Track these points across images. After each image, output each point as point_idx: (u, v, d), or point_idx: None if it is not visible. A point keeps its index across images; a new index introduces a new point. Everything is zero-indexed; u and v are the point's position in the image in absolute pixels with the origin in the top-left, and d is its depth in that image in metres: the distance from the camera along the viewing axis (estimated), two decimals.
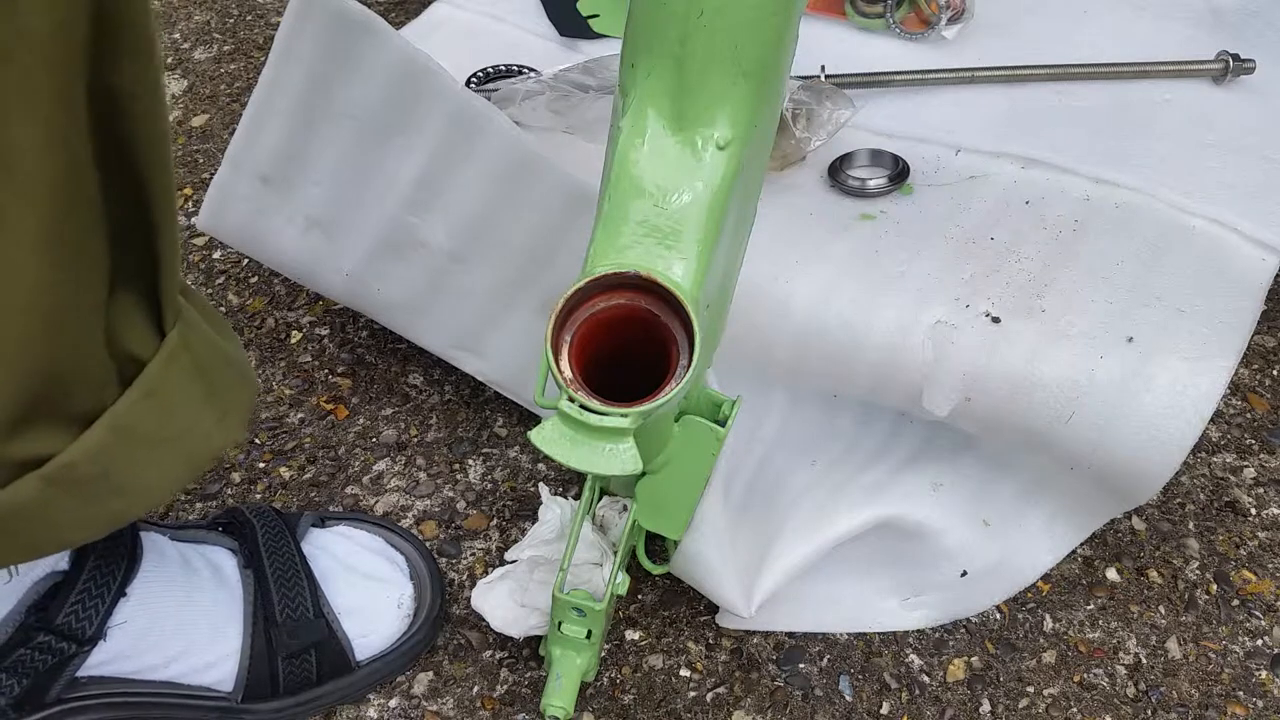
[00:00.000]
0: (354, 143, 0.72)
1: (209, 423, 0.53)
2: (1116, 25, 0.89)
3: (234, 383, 0.55)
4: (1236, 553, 0.74)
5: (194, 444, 0.53)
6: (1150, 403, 0.62)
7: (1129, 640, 0.70)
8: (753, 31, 0.42)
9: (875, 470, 0.71)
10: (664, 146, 0.43)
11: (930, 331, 0.65)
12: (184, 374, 0.51)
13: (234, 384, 0.55)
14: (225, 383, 0.54)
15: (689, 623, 0.70)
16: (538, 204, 0.68)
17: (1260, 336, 0.87)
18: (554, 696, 0.60)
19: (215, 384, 0.53)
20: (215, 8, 1.24)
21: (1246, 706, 0.67)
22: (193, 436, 0.53)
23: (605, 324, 0.43)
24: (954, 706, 0.67)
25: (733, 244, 0.50)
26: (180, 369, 0.51)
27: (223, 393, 0.54)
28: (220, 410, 0.54)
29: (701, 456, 0.58)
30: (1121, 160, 0.75)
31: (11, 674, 0.57)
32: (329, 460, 0.79)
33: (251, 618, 0.62)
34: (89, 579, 0.57)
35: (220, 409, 0.54)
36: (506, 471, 0.79)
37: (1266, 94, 0.81)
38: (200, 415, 0.53)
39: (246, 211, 0.78)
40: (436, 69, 0.67)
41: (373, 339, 0.88)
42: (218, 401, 0.54)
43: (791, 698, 0.67)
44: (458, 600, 0.71)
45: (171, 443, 0.51)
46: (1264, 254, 0.68)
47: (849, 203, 0.75)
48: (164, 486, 0.52)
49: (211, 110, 1.10)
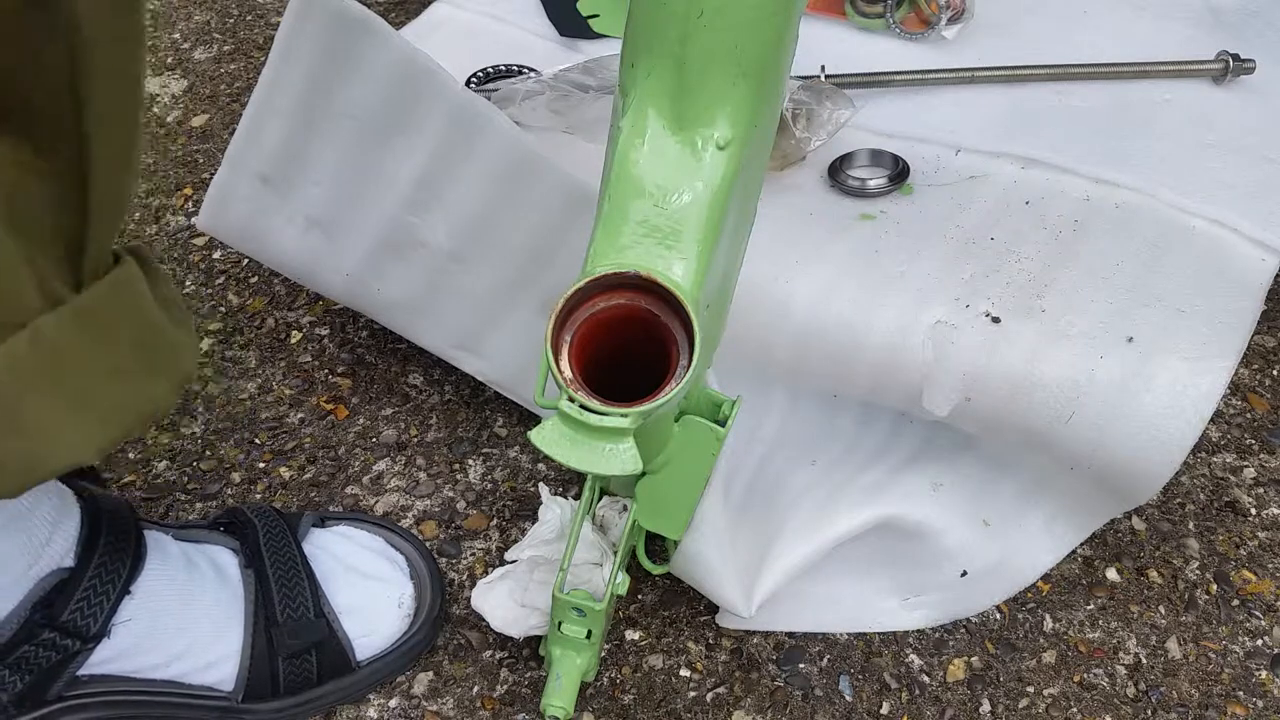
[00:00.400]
0: (354, 143, 0.72)
1: (137, 377, 0.50)
2: (1116, 25, 0.89)
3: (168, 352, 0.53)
4: (1236, 553, 0.74)
5: (118, 396, 0.50)
6: (1150, 403, 0.62)
7: (1129, 640, 0.70)
8: (753, 31, 0.42)
9: (875, 470, 0.71)
10: (664, 146, 0.43)
11: (930, 331, 0.65)
12: (118, 312, 0.49)
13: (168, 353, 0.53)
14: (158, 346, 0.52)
15: (689, 623, 0.70)
16: (538, 204, 0.68)
17: (1260, 336, 0.87)
18: (554, 696, 0.60)
19: (148, 342, 0.51)
20: (215, 8, 1.24)
21: (1246, 706, 0.67)
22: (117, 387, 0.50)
23: (605, 324, 0.43)
24: (954, 706, 0.67)
25: (733, 244, 0.50)
26: (115, 305, 0.49)
27: (154, 352, 0.52)
28: (150, 369, 0.51)
29: (701, 456, 0.58)
30: (1121, 160, 0.75)
31: (14, 670, 0.57)
32: (329, 460, 0.79)
33: (252, 618, 0.62)
34: (94, 576, 0.57)
35: (151, 367, 0.51)
36: (506, 471, 0.79)
37: (1266, 94, 0.81)
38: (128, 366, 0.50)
39: (246, 211, 0.78)
40: (437, 69, 0.67)
41: (373, 339, 0.88)
42: (148, 358, 0.51)
43: (791, 698, 0.67)
44: (458, 600, 0.71)
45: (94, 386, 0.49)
46: (1264, 254, 0.68)
47: (849, 203, 0.75)
48: (74, 440, 0.49)
49: (211, 110, 1.10)
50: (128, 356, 0.51)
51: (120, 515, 0.60)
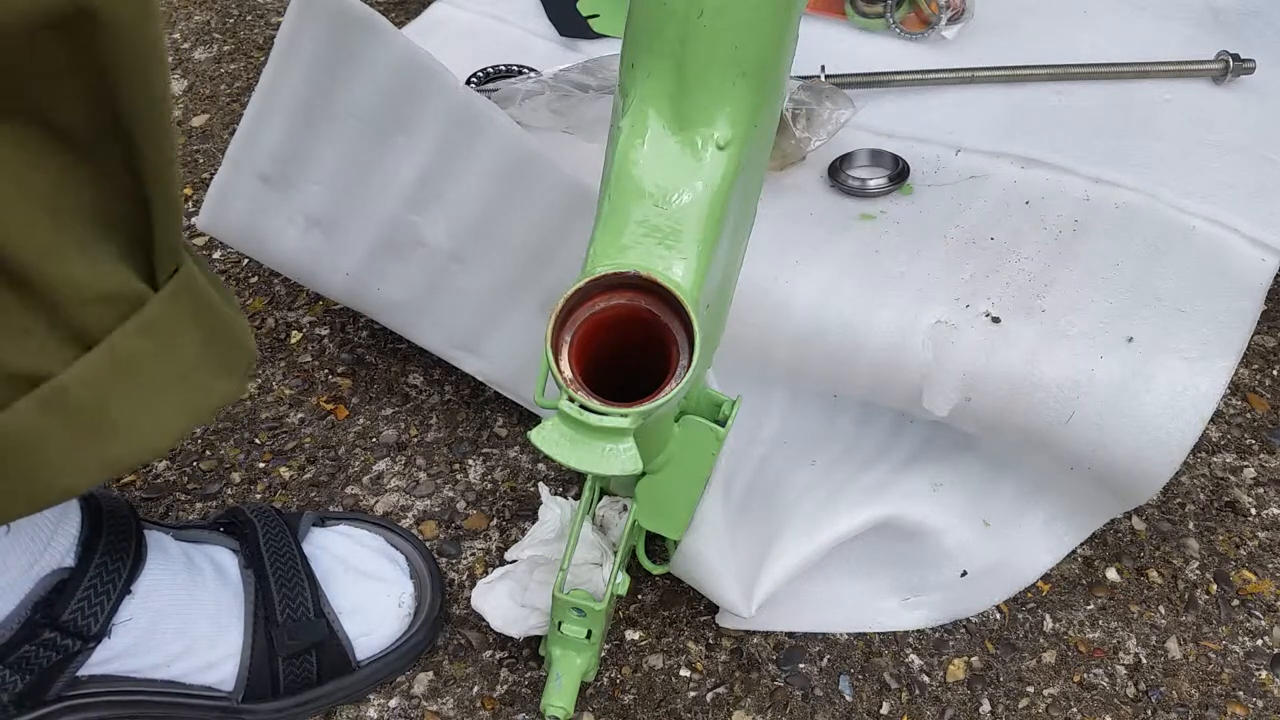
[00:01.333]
0: (354, 142, 0.72)
1: (208, 373, 0.52)
2: (1116, 25, 0.89)
3: (233, 341, 0.54)
4: (1236, 553, 0.74)
5: (192, 393, 0.52)
6: (1150, 403, 0.62)
7: (1129, 640, 0.70)
8: (753, 31, 0.42)
9: (875, 470, 0.71)
10: (664, 147, 0.43)
11: (930, 331, 0.65)
12: (183, 316, 0.50)
13: (233, 342, 0.54)
14: (225, 339, 0.53)
15: (689, 623, 0.70)
16: (538, 204, 0.68)
17: (1260, 336, 0.87)
18: (554, 696, 0.60)
19: (215, 336, 0.53)
20: (215, 8, 1.24)
21: (1246, 706, 0.67)
22: (191, 385, 0.51)
23: (605, 324, 0.44)
24: (954, 706, 0.67)
25: (733, 244, 0.50)
26: (180, 310, 0.50)
27: (222, 347, 0.53)
28: (219, 363, 0.53)
29: (701, 456, 0.58)
30: (1121, 160, 0.75)
31: (15, 670, 0.57)
32: (329, 460, 0.79)
33: (252, 618, 0.62)
34: (95, 575, 0.57)
35: (219, 361, 0.53)
36: (506, 471, 0.79)
37: (1266, 94, 0.81)
38: (199, 363, 0.51)
39: (246, 211, 0.78)
40: (438, 68, 0.67)
41: (373, 339, 0.88)
42: (217, 353, 0.53)
43: (791, 698, 0.67)
44: (458, 600, 0.71)
45: (170, 386, 0.50)
46: (1264, 254, 0.68)
47: (849, 203, 0.75)
48: (161, 434, 0.51)
49: (211, 110, 1.10)
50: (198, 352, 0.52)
51: (121, 515, 0.60)
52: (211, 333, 0.53)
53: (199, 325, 0.52)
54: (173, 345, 0.50)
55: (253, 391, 0.84)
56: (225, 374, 0.53)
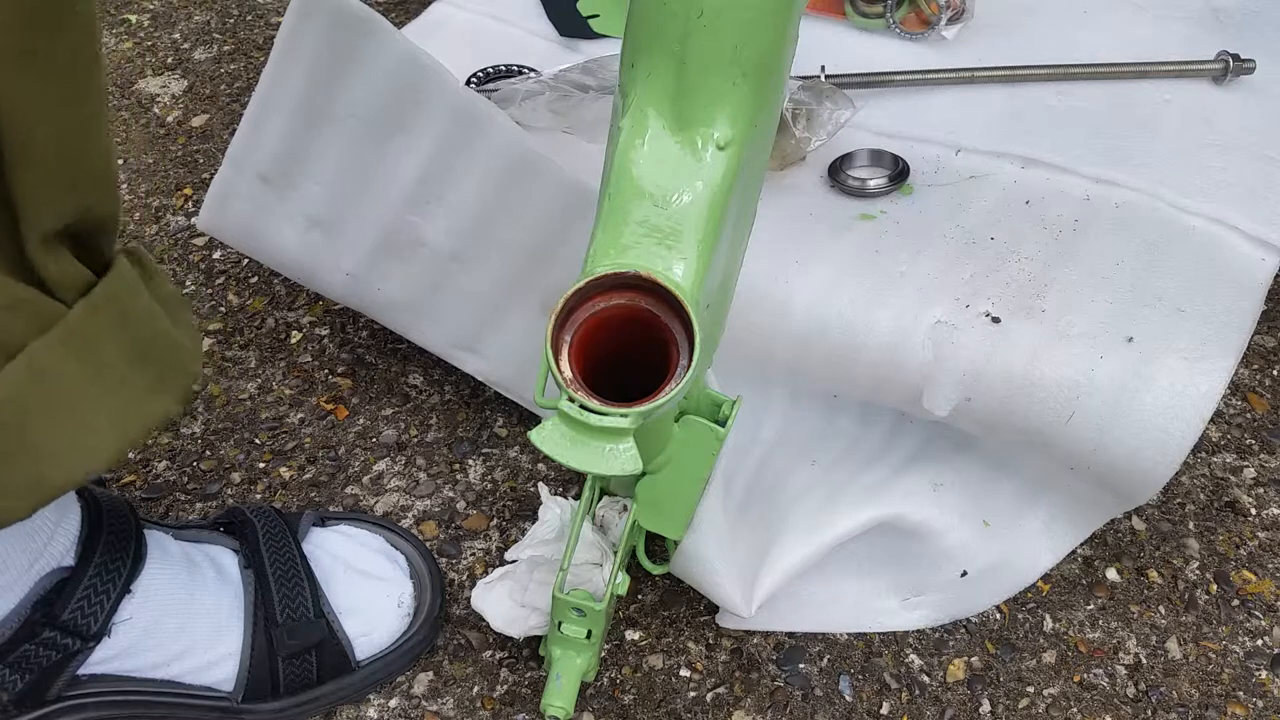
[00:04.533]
0: (354, 142, 0.72)
1: (138, 389, 0.49)
2: (1116, 25, 0.89)
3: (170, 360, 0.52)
4: (1236, 553, 0.74)
5: (121, 410, 0.49)
6: (1150, 403, 0.62)
7: (1129, 640, 0.70)
8: (753, 31, 0.42)
9: (875, 470, 0.71)
10: (664, 147, 0.43)
11: (930, 331, 0.65)
12: (109, 328, 0.48)
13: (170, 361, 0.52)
14: (159, 356, 0.51)
15: (689, 623, 0.70)
16: (538, 204, 0.68)
17: (1260, 336, 0.87)
18: (554, 696, 0.60)
19: (147, 350, 0.50)
20: (215, 8, 1.24)
21: (1246, 706, 0.67)
22: (119, 400, 0.49)
23: (605, 324, 0.44)
24: (954, 706, 0.67)
25: (733, 244, 0.50)
26: (105, 321, 0.48)
27: (155, 365, 0.51)
28: (154, 378, 0.50)
29: (701, 456, 0.58)
30: (1121, 160, 0.75)
31: (15, 669, 0.57)
32: (329, 460, 0.79)
33: (252, 617, 0.62)
34: (95, 575, 0.57)
35: (155, 377, 0.50)
36: (506, 471, 0.79)
37: (1266, 94, 0.81)
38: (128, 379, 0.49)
39: (246, 211, 0.78)
40: (438, 68, 0.67)
41: (373, 339, 0.88)
42: (151, 370, 0.50)
43: (791, 698, 0.67)
44: (458, 600, 0.71)
45: (95, 402, 0.48)
46: (1264, 254, 0.68)
47: (849, 203, 0.75)
48: (88, 454, 0.48)
49: (211, 110, 1.10)
50: (127, 368, 0.50)
51: (120, 515, 0.60)
52: (143, 348, 0.50)
53: (127, 336, 0.49)
54: (96, 358, 0.48)
55: (253, 391, 0.84)
56: (160, 391, 0.51)
